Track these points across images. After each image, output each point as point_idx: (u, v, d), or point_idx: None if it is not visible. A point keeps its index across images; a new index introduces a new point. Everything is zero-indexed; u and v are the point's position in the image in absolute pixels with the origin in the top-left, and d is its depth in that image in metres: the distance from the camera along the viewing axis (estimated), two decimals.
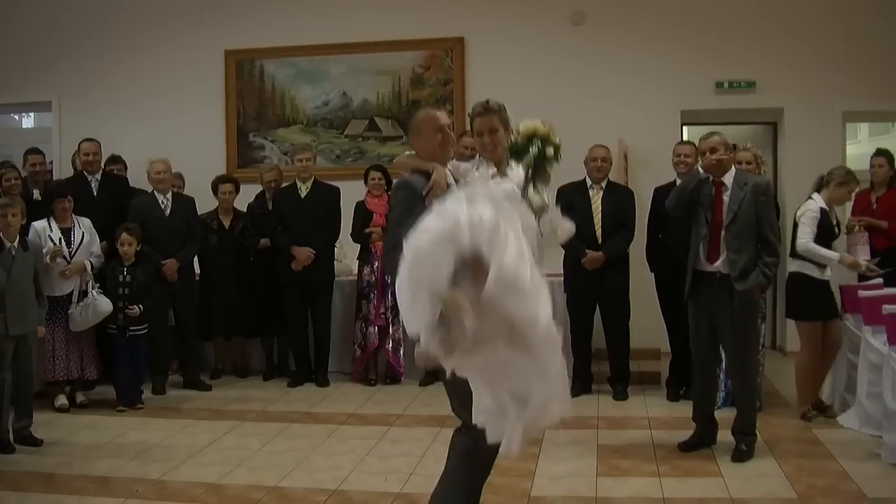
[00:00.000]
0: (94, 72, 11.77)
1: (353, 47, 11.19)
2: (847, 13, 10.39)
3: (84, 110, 11.69)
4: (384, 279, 9.12)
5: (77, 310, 8.21)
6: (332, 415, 8.17)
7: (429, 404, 8.43)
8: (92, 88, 11.75)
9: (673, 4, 10.69)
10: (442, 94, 11.11)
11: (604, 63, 10.67)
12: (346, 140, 11.35)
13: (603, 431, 7.39)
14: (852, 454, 6.54)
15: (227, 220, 9.74)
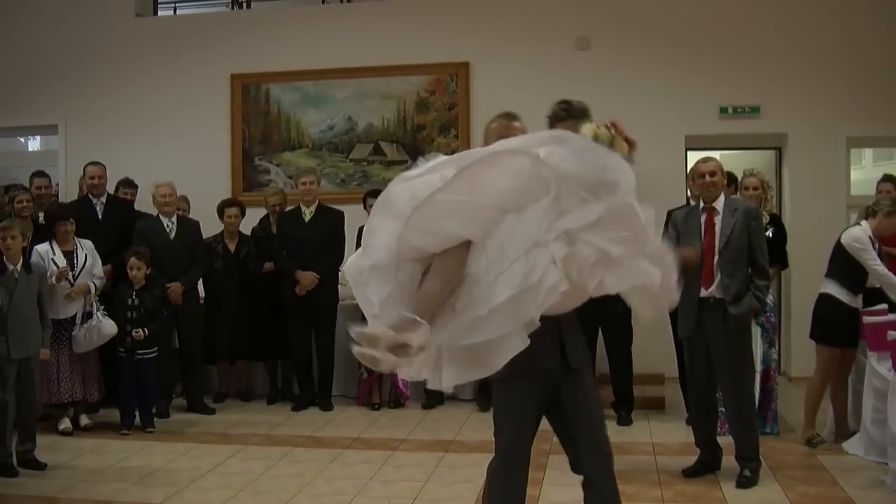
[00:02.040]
0: (100, 95, 11.85)
1: (359, 72, 11.25)
2: (851, 39, 10.43)
3: (90, 133, 11.77)
4: None
5: (81, 331, 8.21)
6: (336, 439, 8.17)
7: (433, 429, 8.44)
8: (98, 112, 11.82)
9: (677, 30, 10.73)
10: (447, 118, 11.15)
11: (609, 88, 10.67)
12: (350, 164, 11.39)
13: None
14: (857, 481, 6.53)
15: (232, 243, 9.76)
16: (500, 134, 4.11)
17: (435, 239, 3.65)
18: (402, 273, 3.73)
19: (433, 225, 3.61)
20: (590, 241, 3.56)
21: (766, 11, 10.68)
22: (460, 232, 3.63)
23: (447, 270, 3.64)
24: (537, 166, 3.58)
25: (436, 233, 3.63)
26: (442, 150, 10.50)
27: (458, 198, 3.58)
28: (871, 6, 10.55)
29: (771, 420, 7.97)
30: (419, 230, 3.62)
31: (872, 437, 7.00)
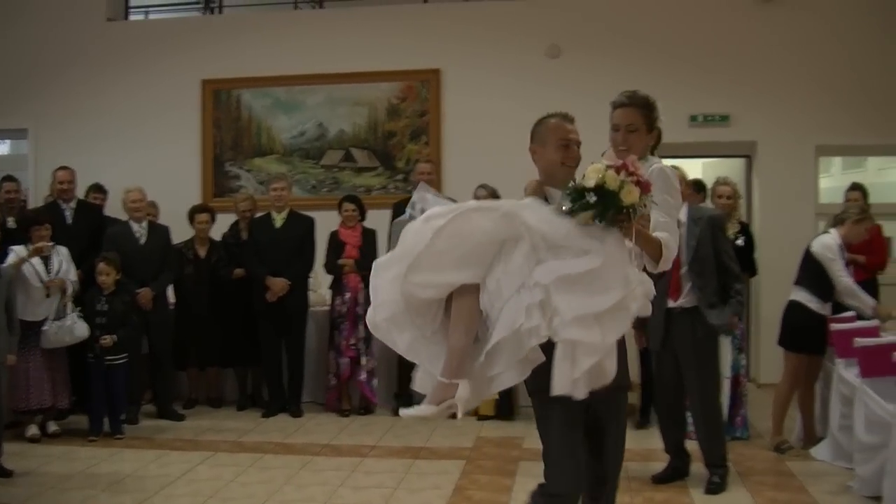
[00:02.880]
0: (70, 100, 11.79)
1: (330, 78, 11.26)
2: (820, 48, 10.52)
3: (60, 138, 11.72)
4: (356, 310, 9.14)
5: (53, 327, 8.15)
6: (306, 445, 8.15)
7: (403, 436, 8.43)
8: (68, 116, 11.77)
9: (648, 39, 10.80)
10: (418, 125, 11.18)
11: (579, 96, 10.63)
12: (321, 170, 11.40)
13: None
14: (825, 486, 6.59)
15: (203, 249, 9.72)
16: (559, 136, 4.09)
17: (438, 289, 3.71)
18: (420, 317, 3.77)
19: (430, 279, 3.66)
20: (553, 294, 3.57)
21: (736, 21, 10.76)
22: (458, 279, 3.67)
23: (466, 320, 3.68)
24: (510, 217, 3.64)
25: (436, 284, 3.69)
26: (413, 157, 10.61)
27: (446, 249, 3.63)
28: (839, 16, 10.64)
29: (740, 426, 8.03)
30: (419, 286, 3.67)
31: (840, 443, 7.07)
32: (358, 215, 9.43)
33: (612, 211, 3.55)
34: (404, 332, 3.78)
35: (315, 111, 11.42)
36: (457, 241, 3.62)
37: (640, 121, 4.21)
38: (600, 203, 3.55)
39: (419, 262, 3.62)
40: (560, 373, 3.48)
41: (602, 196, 3.55)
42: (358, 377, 9.29)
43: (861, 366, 6.60)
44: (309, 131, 11.43)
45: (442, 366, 3.65)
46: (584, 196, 3.57)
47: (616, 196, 3.53)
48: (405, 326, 3.76)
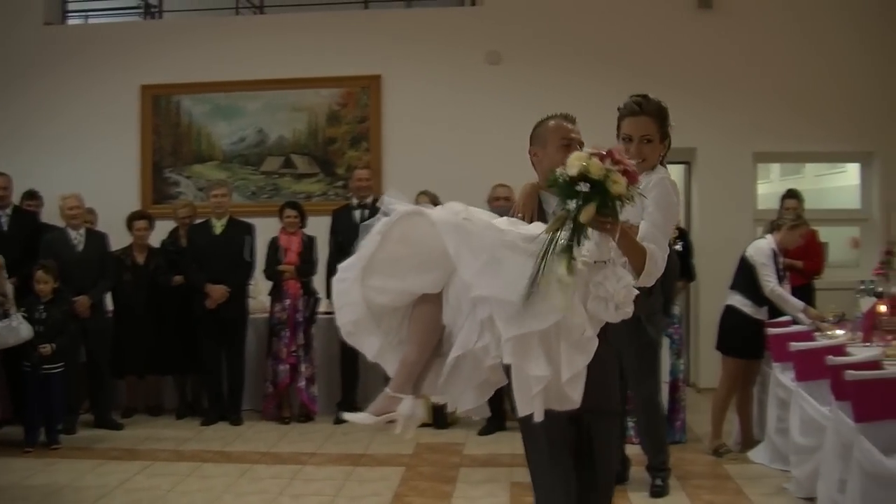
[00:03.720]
0: (5, 103, 11.65)
1: (270, 84, 11.22)
2: (758, 56, 10.65)
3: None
4: (295, 316, 9.11)
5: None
6: (245, 454, 8.10)
7: (343, 443, 8.42)
8: (4, 121, 11.62)
9: (587, 46, 10.89)
10: (358, 131, 11.18)
11: (520, 102, 10.74)
12: (261, 176, 11.36)
13: (517, 469, 7.40)
14: (762, 489, 6.68)
15: (142, 256, 9.63)
16: (560, 136, 3.89)
17: (394, 295, 3.60)
18: (385, 322, 3.68)
19: (384, 284, 3.56)
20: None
21: (675, 28, 10.88)
22: (414, 286, 3.56)
23: (421, 333, 3.58)
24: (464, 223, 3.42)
25: (391, 290, 3.58)
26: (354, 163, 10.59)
27: (401, 254, 3.52)
28: (776, 24, 10.79)
29: (679, 430, 8.09)
30: (375, 290, 3.57)
31: (776, 446, 7.16)
32: (299, 222, 9.39)
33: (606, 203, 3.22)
34: (372, 336, 3.68)
35: (255, 117, 11.38)
36: (410, 246, 3.50)
37: (654, 130, 4.04)
38: (596, 193, 3.19)
39: (372, 265, 3.52)
40: (517, 394, 3.30)
41: (593, 185, 3.20)
42: (297, 384, 9.24)
43: (796, 369, 6.69)
44: (249, 137, 11.38)
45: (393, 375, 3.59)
46: (575, 189, 3.20)
47: (602, 186, 3.20)
48: (372, 331, 3.67)
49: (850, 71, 10.77)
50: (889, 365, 6.08)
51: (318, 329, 9.44)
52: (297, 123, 11.31)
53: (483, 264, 3.27)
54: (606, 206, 3.22)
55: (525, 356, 3.22)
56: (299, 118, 11.30)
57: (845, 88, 10.75)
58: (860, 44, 10.75)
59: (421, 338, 3.57)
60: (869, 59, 10.72)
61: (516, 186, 9.32)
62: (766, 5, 10.90)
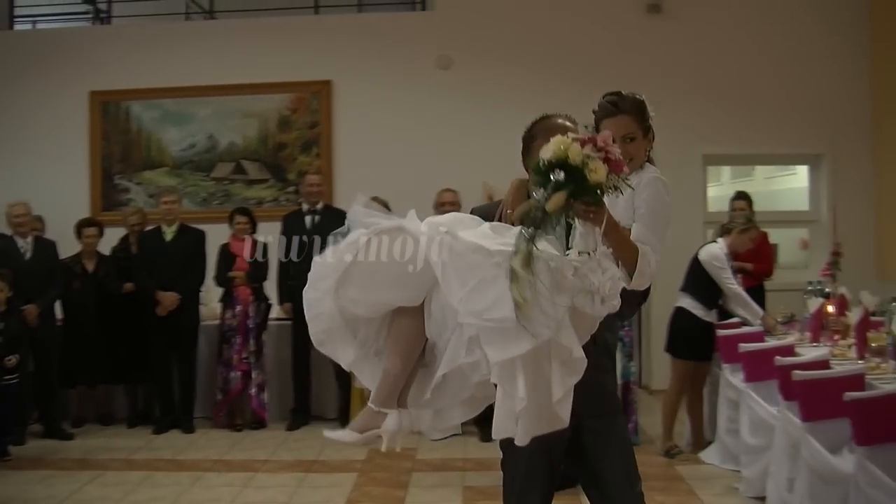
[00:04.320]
0: None
1: (220, 89, 11.16)
2: (707, 59, 10.73)
3: None
4: (247, 323, 9.07)
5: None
6: (197, 461, 8.04)
7: (295, 449, 8.39)
8: None
9: (537, 50, 10.92)
10: (309, 136, 11.15)
11: (470, 106, 10.82)
12: (212, 183, 11.29)
13: (469, 473, 7.42)
14: (713, 489, 6.74)
15: (91, 264, 9.53)
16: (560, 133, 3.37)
17: (370, 307, 3.41)
18: (362, 332, 3.49)
19: (359, 296, 3.36)
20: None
21: (624, 32, 10.95)
22: (391, 299, 3.38)
23: (403, 344, 3.39)
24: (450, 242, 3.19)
25: (367, 302, 3.39)
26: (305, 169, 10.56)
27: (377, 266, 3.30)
28: (725, 28, 10.89)
29: (632, 432, 8.11)
30: (349, 301, 3.37)
31: (727, 447, 7.22)
32: (250, 228, 9.35)
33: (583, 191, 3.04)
34: (347, 346, 3.48)
35: (205, 123, 11.30)
36: (388, 260, 3.29)
37: (635, 127, 3.78)
38: (571, 180, 3.03)
39: (348, 276, 3.32)
40: (497, 415, 3.10)
41: (570, 172, 3.04)
42: (249, 391, 9.19)
43: (745, 370, 6.75)
44: (199, 143, 11.31)
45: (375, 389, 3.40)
46: (549, 175, 3.03)
47: (580, 173, 3.02)
48: (347, 341, 3.47)
49: (798, 74, 10.88)
50: (836, 364, 6.17)
51: (269, 335, 9.40)
52: (247, 129, 11.26)
53: (470, 289, 3.08)
54: (584, 194, 3.07)
55: (509, 379, 3.05)
56: (250, 124, 11.25)
57: (794, 91, 10.87)
58: (807, 48, 10.87)
59: (403, 350, 3.40)
60: (816, 63, 10.84)
61: (467, 190, 9.43)
62: (716, 10, 11.00)
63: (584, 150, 3.04)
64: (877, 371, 5.93)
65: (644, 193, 3.61)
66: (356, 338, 3.49)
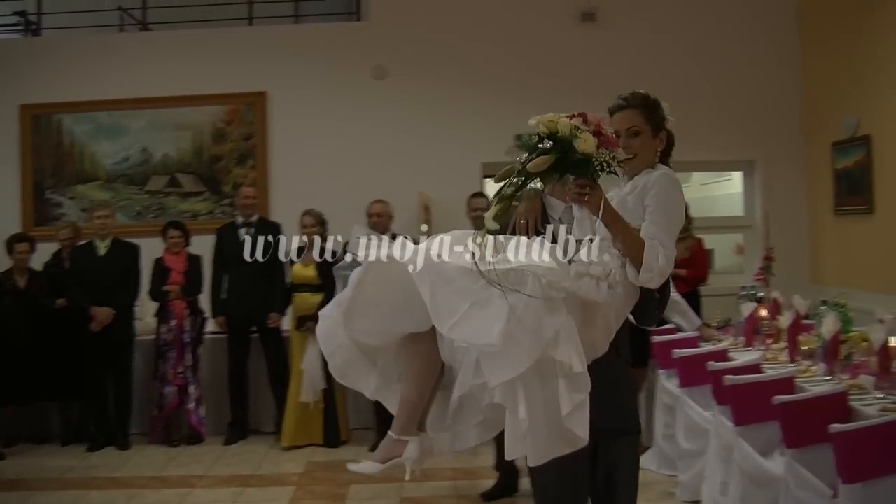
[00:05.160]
0: None
1: (153, 102, 11.03)
2: (640, 67, 10.76)
3: None
4: (182, 337, 8.97)
5: None
6: (133, 479, 7.94)
7: (232, 464, 8.31)
8: None
9: (473, 60, 10.93)
10: (244, 148, 11.05)
11: (406, 116, 10.82)
12: (146, 196, 11.15)
13: (407, 485, 7.38)
14: (650, 494, 6.77)
15: (22, 279, 9.36)
16: None
17: (380, 336, 3.44)
18: (381, 360, 3.52)
19: (368, 327, 3.39)
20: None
21: (558, 41, 10.99)
22: (399, 328, 3.40)
23: (419, 372, 3.38)
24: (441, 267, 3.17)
25: (376, 332, 3.42)
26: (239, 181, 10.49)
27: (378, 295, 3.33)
28: (658, 36, 10.97)
29: None
30: (360, 333, 3.41)
31: (664, 452, 7.26)
32: (183, 241, 9.27)
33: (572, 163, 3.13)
34: (369, 376, 3.52)
35: (139, 136, 11.17)
36: (387, 289, 3.29)
37: (641, 122, 3.72)
38: (559, 150, 3.13)
39: (352, 309, 3.35)
40: (507, 436, 3.10)
41: (558, 142, 3.14)
42: (186, 406, 9.09)
43: (680, 376, 6.78)
44: (133, 156, 11.17)
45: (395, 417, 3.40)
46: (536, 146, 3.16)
47: (568, 142, 3.11)
48: (369, 371, 3.51)
49: (731, 82, 10.99)
50: (768, 368, 6.23)
51: (205, 349, 9.31)
52: (181, 142, 11.14)
53: (462, 315, 3.04)
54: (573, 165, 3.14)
55: (511, 400, 3.04)
56: (184, 136, 11.14)
57: (727, 99, 10.96)
58: (740, 55, 10.98)
59: (419, 376, 3.38)
60: (748, 71, 10.95)
61: (404, 199, 9.41)
62: (649, 18, 11.07)
63: (573, 121, 3.14)
64: (807, 374, 6.01)
65: (653, 190, 3.56)
66: (376, 366, 3.51)
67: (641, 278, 3.39)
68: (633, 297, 3.51)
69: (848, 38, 9.90)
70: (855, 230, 9.91)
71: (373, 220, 8.67)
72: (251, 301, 8.98)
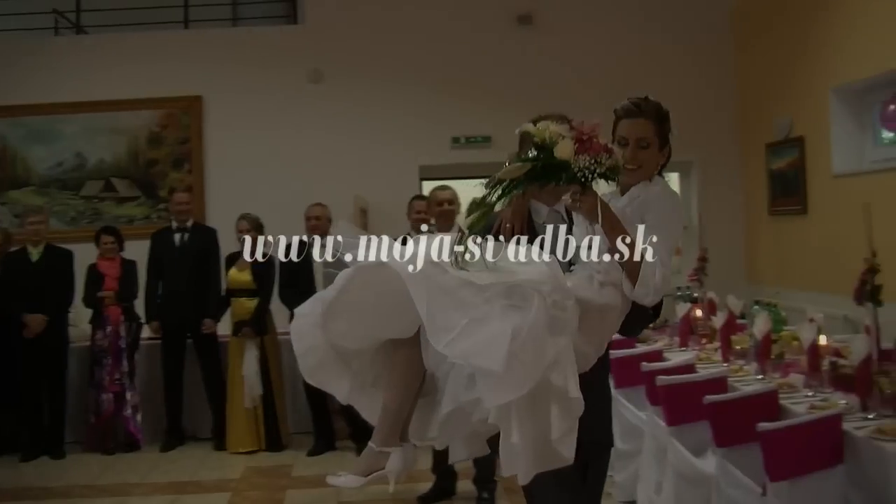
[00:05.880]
0: None
1: (88, 106, 10.93)
2: (579, 69, 10.84)
3: None
4: (118, 343, 8.87)
5: None
6: (68, 488, 7.84)
7: (169, 471, 8.23)
8: None
9: (409, 62, 10.94)
10: (180, 152, 11.00)
11: (343, 120, 10.80)
12: (81, 201, 11.04)
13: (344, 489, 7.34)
14: None
15: None
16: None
17: (360, 341, 3.29)
18: (356, 363, 3.36)
19: (348, 330, 3.24)
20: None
21: (495, 43, 11.02)
22: (382, 334, 3.27)
23: (401, 378, 3.25)
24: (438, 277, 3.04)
25: (357, 336, 3.27)
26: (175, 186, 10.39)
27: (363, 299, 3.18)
28: (598, 38, 11.04)
29: None
30: (338, 335, 3.25)
31: None
32: (117, 247, 9.17)
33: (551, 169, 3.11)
34: (342, 379, 3.36)
35: (73, 140, 11.05)
36: (374, 293, 3.14)
37: (651, 133, 3.55)
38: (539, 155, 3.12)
39: (334, 310, 3.19)
40: (502, 453, 2.97)
41: (539, 148, 3.13)
42: (123, 413, 8.99)
43: (615, 377, 6.79)
44: (67, 161, 11.04)
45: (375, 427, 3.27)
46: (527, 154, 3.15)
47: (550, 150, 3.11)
48: (342, 373, 3.35)
49: (667, 84, 10.94)
50: (702, 368, 6.28)
51: (141, 355, 9.21)
52: (117, 146, 11.04)
53: (459, 331, 2.91)
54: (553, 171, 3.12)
55: (505, 421, 2.92)
56: (119, 141, 11.04)
57: (663, 101, 10.88)
58: (676, 59, 11.06)
59: (401, 384, 3.25)
60: (684, 74, 11.03)
61: (341, 202, 9.39)
62: (585, 22, 11.14)
63: (555, 127, 3.14)
64: (740, 373, 6.07)
65: (655, 205, 3.47)
66: (351, 369, 3.36)
67: (636, 293, 3.31)
68: (626, 310, 3.40)
69: (781, 41, 10.03)
70: (789, 230, 10.04)
71: (311, 223, 8.62)
72: (186, 307, 8.91)
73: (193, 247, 9.11)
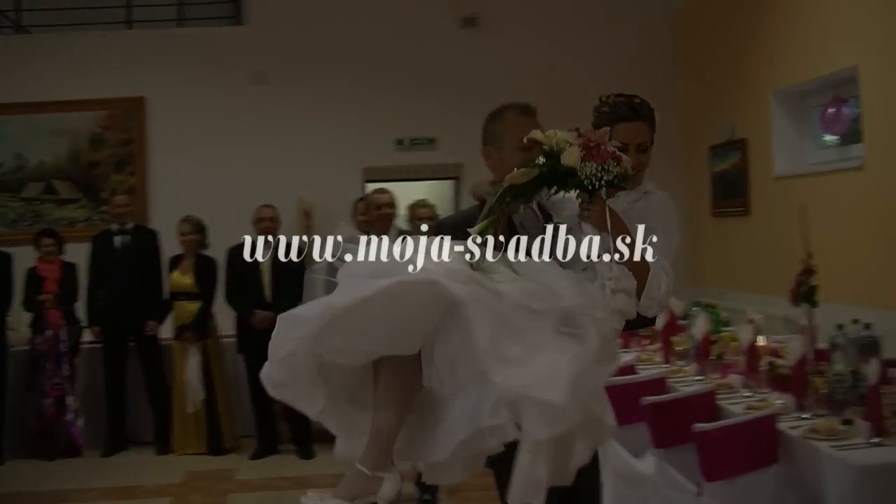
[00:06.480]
0: None
1: (29, 107, 10.75)
2: (524, 73, 10.83)
3: None
4: (58, 347, 8.76)
5: None
6: (6, 496, 7.76)
7: (110, 476, 8.16)
8: None
9: (354, 64, 10.89)
10: (123, 154, 10.86)
11: (286, 121, 10.76)
12: (21, 203, 10.87)
13: (288, 492, 7.34)
14: None
15: None
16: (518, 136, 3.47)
17: (355, 357, 3.05)
18: (334, 379, 3.11)
19: (347, 346, 2.96)
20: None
21: (439, 45, 11.01)
22: (383, 351, 2.99)
23: (397, 396, 3.01)
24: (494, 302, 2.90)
25: (354, 352, 3.01)
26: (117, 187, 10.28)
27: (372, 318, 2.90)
28: (545, 42, 11.08)
29: None
30: (332, 350, 2.97)
31: None
32: (56, 249, 9.07)
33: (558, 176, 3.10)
34: (316, 395, 3.06)
35: (13, 141, 10.88)
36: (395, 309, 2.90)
37: (648, 136, 3.60)
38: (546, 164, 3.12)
39: (334, 324, 2.90)
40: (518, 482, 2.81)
41: (546, 156, 3.13)
42: (64, 417, 8.87)
43: None
44: (7, 163, 10.86)
45: (363, 448, 2.99)
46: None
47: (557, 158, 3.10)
48: (316, 388, 3.06)
49: (612, 87, 10.85)
50: (642, 369, 6.31)
51: (82, 359, 9.11)
52: (58, 147, 10.89)
53: (516, 362, 2.79)
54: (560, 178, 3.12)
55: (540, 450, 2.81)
56: (60, 142, 10.89)
57: None
58: (620, 62, 11.08)
59: (396, 401, 3.01)
60: (629, 76, 11.00)
61: (286, 204, 9.34)
62: (530, 24, 11.15)
63: (563, 134, 3.14)
64: (680, 374, 6.11)
65: (658, 213, 3.50)
66: (328, 385, 3.10)
67: (641, 305, 3.25)
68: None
69: (724, 45, 10.12)
70: (732, 231, 10.11)
71: (263, 224, 8.59)
72: (128, 310, 8.82)
73: (135, 249, 9.03)
